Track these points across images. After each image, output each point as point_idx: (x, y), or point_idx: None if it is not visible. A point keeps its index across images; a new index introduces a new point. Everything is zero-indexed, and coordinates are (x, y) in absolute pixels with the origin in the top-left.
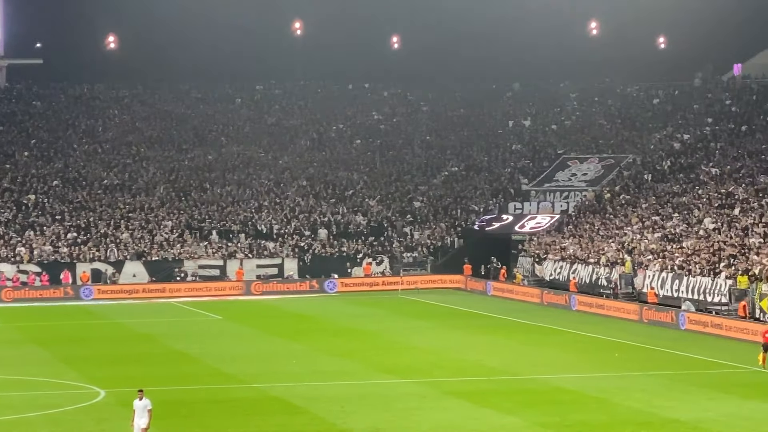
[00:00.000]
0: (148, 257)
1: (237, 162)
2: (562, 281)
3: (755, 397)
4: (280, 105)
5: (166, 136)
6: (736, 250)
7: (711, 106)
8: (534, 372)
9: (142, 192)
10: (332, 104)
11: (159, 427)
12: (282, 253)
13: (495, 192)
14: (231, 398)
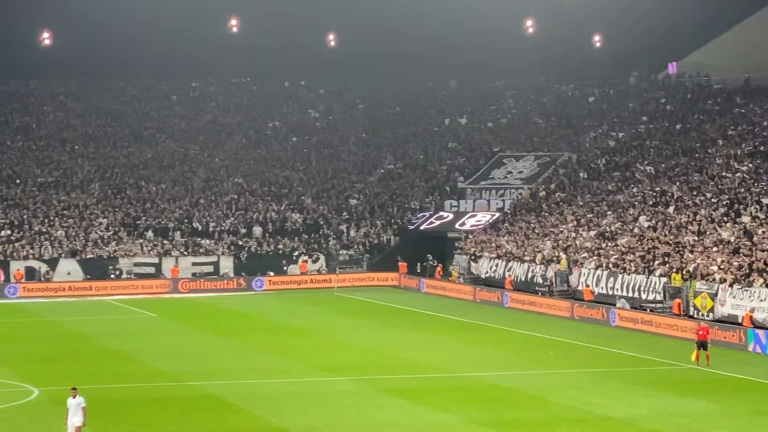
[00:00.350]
0: (82, 255)
1: (173, 159)
2: (498, 279)
3: (689, 394)
4: (216, 102)
5: (102, 133)
6: (670, 248)
7: (646, 104)
8: (469, 369)
9: (77, 189)
10: (268, 102)
11: (93, 426)
12: (218, 251)
13: (431, 190)
14: (166, 396)
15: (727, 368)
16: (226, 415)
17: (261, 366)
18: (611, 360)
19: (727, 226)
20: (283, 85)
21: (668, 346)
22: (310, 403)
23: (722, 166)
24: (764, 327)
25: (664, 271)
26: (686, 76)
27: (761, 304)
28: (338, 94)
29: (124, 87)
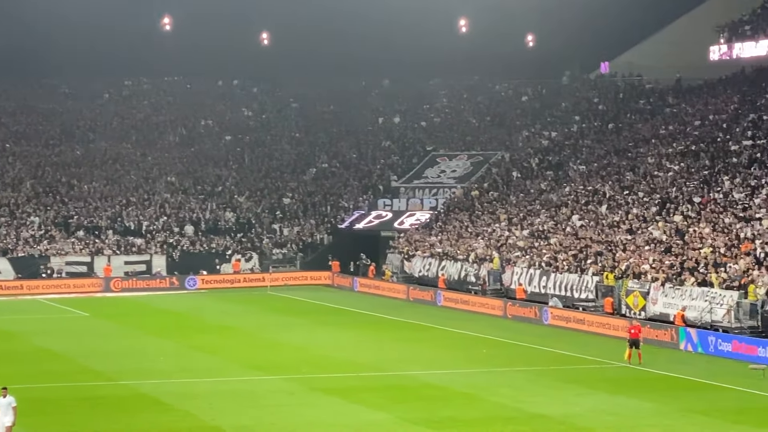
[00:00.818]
0: (14, 254)
1: (105, 158)
2: (431, 278)
3: (621, 392)
4: (149, 101)
5: (33, 131)
6: (602, 246)
7: (578, 104)
8: (402, 368)
9: (8, 188)
10: (201, 100)
11: (25, 425)
12: (150, 250)
13: (365, 189)
14: (98, 396)
15: (659, 366)
16: (159, 415)
17: (194, 365)
18: (544, 358)
19: (659, 225)
20: (216, 84)
21: (601, 345)
22: (244, 402)
23: (654, 166)
24: (695, 325)
25: (597, 270)
26: (618, 76)
27: (692, 303)
28: (271, 92)
29: (57, 85)
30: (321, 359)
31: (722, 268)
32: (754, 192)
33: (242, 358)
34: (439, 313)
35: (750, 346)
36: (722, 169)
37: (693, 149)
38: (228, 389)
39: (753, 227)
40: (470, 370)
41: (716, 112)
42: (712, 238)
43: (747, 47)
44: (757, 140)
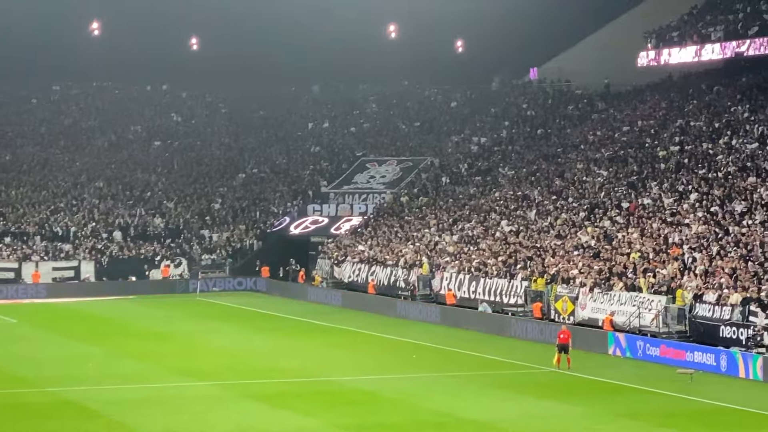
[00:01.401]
0: None
1: (33, 163)
2: (361, 283)
3: (550, 397)
4: (78, 106)
5: None
6: (532, 252)
7: (507, 109)
8: (332, 374)
9: None
10: (130, 105)
11: None
12: (79, 256)
13: (294, 194)
14: (24, 403)
15: (588, 371)
16: (85, 422)
17: (122, 371)
18: (474, 363)
19: (588, 230)
20: (145, 89)
21: (530, 350)
22: (172, 409)
23: (583, 171)
24: (624, 330)
25: (526, 275)
26: (547, 82)
27: (621, 308)
28: (200, 98)
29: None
30: (250, 365)
31: (650, 273)
32: (682, 197)
33: (171, 364)
34: (369, 319)
35: (678, 351)
36: (650, 174)
37: (621, 155)
38: (156, 395)
39: (681, 232)
40: (400, 376)
41: (644, 118)
42: (640, 243)
43: (674, 53)
44: (685, 146)
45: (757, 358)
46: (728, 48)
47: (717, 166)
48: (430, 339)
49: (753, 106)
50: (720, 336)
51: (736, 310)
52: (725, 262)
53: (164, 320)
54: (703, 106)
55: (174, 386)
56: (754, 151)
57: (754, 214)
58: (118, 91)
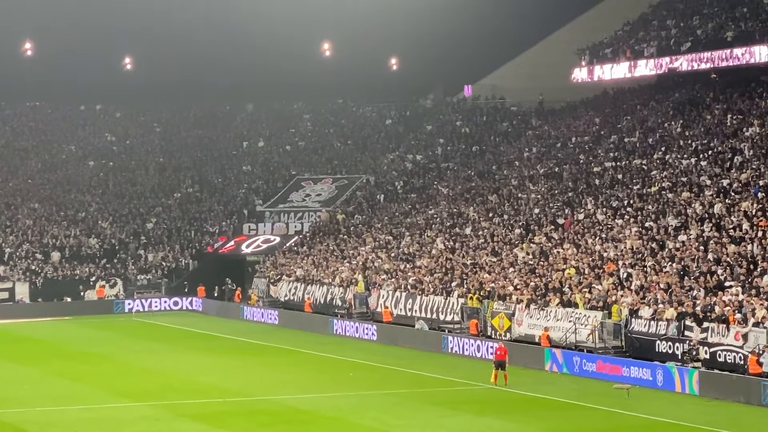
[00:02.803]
0: None
1: None
2: (298, 302)
3: (487, 414)
4: (11, 126)
5: None
6: (467, 269)
7: (442, 126)
8: (270, 393)
9: None
10: (64, 125)
11: None
12: (13, 277)
13: (230, 213)
14: None
15: (525, 387)
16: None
17: (58, 392)
18: (411, 381)
19: (523, 246)
20: (78, 109)
21: (467, 367)
22: (108, 429)
23: (518, 188)
24: (560, 346)
25: (462, 292)
26: (482, 99)
27: (557, 324)
28: (134, 117)
29: None
30: (186, 385)
31: (586, 289)
32: (617, 213)
33: (107, 385)
34: (307, 338)
35: (614, 366)
36: (585, 190)
37: (556, 171)
38: (93, 417)
39: (616, 248)
40: (337, 394)
41: (579, 134)
42: (575, 259)
43: (608, 69)
44: (619, 162)
45: (693, 373)
46: (661, 64)
47: (651, 181)
48: (367, 357)
49: (686, 122)
50: (656, 351)
51: (672, 324)
52: (660, 277)
53: (100, 341)
54: (636, 122)
55: (111, 407)
56: (688, 166)
57: (689, 229)
58: (51, 111)
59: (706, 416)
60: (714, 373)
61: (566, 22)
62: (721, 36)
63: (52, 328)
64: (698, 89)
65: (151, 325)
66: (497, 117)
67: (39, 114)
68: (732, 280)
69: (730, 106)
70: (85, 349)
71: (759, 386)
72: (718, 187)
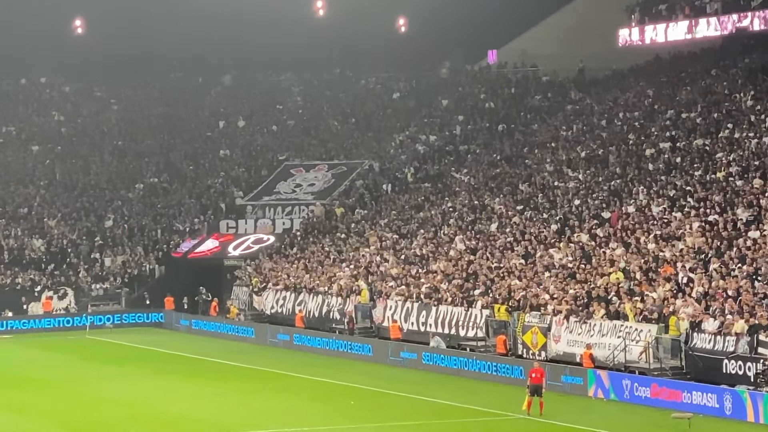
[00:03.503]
0: None
1: None
2: (287, 315)
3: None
4: None
5: None
6: (493, 273)
7: (462, 101)
8: (251, 426)
9: None
10: (1, 103)
11: None
12: None
13: (204, 208)
14: None
15: (565, 417)
16: None
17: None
18: (426, 410)
19: (561, 246)
20: (19, 83)
21: (494, 393)
22: None
23: (554, 175)
24: (607, 367)
25: (487, 303)
26: (509, 67)
27: (602, 340)
28: (88, 92)
29: None
30: (151, 416)
31: (638, 297)
32: (674, 204)
33: (54, 417)
34: (298, 358)
35: (672, 391)
36: (636, 177)
37: (600, 154)
38: None
39: (673, 247)
40: (334, 427)
41: (627, 109)
42: (624, 262)
43: (662, 30)
44: (677, 142)
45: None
46: (727, 22)
47: (716, 166)
48: (372, 382)
49: (758, 93)
50: (723, 372)
51: (742, 340)
52: (728, 283)
53: (47, 364)
54: (698, 94)
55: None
56: (761, 146)
57: (762, 224)
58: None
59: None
60: None
61: None
62: None
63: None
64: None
65: (109, 344)
66: (528, 89)
67: None
68: None
69: None
70: (30, 374)
71: None
72: None
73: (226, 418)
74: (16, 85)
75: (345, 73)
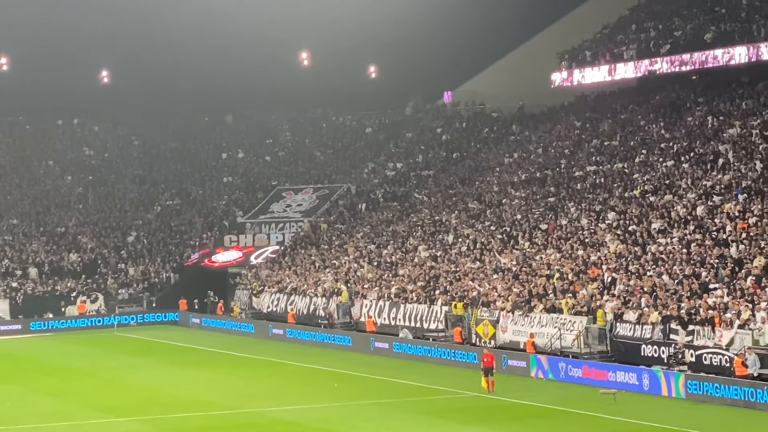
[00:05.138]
0: None
1: None
2: (281, 313)
3: (473, 422)
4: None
5: None
6: (451, 276)
7: (422, 134)
8: (253, 405)
9: None
10: (42, 141)
11: None
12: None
13: (210, 225)
14: None
15: (512, 394)
16: None
17: (41, 409)
18: (397, 390)
19: (506, 253)
20: (56, 124)
21: (452, 375)
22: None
23: (500, 194)
24: (546, 352)
25: (445, 300)
26: (462, 105)
27: (541, 330)
28: (112, 130)
29: None
30: (170, 399)
31: (570, 294)
32: (599, 217)
33: (90, 401)
34: (290, 349)
35: (600, 371)
36: (567, 195)
37: (538, 176)
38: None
39: (599, 252)
40: (322, 405)
41: (559, 139)
42: (559, 265)
43: (588, 73)
44: (600, 166)
45: (679, 376)
46: (641, 66)
47: (633, 184)
48: (352, 367)
49: (667, 124)
50: (641, 355)
51: (657, 328)
52: (644, 281)
53: (82, 356)
54: (617, 125)
55: (94, 423)
56: (670, 168)
57: (672, 232)
58: (29, 126)
59: (693, 419)
60: (700, 376)
61: (545, 26)
62: (700, 37)
63: (34, 344)
64: (678, 91)
65: (133, 339)
66: (477, 123)
67: (16, 129)
68: (716, 282)
69: (711, 108)
70: (68, 364)
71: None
72: (700, 189)
73: (232, 399)
74: (53, 126)
75: (326, 112)
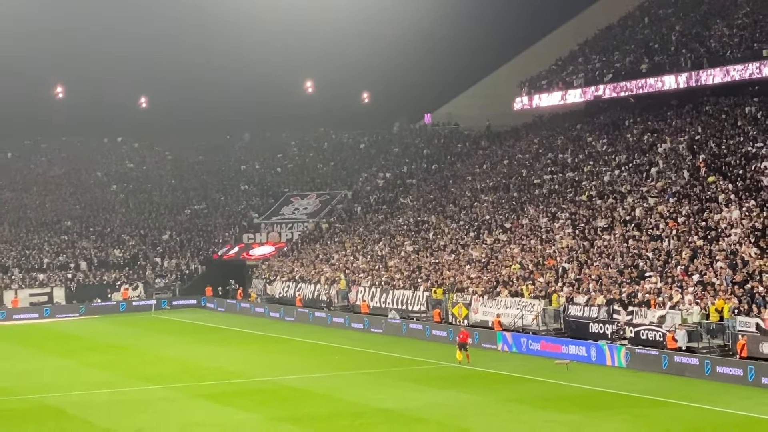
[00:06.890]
0: None
1: (9, 206)
2: (290, 298)
3: (452, 388)
4: (46, 157)
5: None
6: (431, 267)
7: (407, 149)
8: (267, 374)
9: None
10: (91, 156)
11: None
12: (51, 283)
13: (231, 225)
14: (6, 408)
15: (482, 365)
16: (62, 422)
17: (92, 379)
18: (386, 362)
19: (477, 247)
20: (103, 142)
21: (432, 349)
22: (135, 409)
23: (471, 198)
24: (510, 329)
25: (427, 287)
26: (440, 125)
27: (507, 311)
28: (150, 147)
29: None
30: (198, 370)
31: (530, 282)
32: (554, 217)
33: (132, 372)
34: (299, 328)
35: (555, 345)
36: (527, 199)
37: (503, 183)
38: (121, 399)
39: (554, 246)
40: (324, 374)
41: (521, 153)
42: (521, 257)
43: (544, 98)
44: (555, 175)
45: (620, 349)
46: (588, 92)
47: (582, 190)
48: (350, 343)
49: (610, 140)
50: (590, 331)
51: (602, 309)
52: (592, 270)
53: (125, 335)
54: (569, 141)
55: (135, 390)
56: (613, 177)
57: (614, 230)
58: (80, 144)
59: (633, 385)
60: (638, 348)
61: (509, 59)
62: (637, 68)
63: (85, 325)
64: (619, 113)
65: (167, 320)
66: (453, 140)
67: (70, 147)
68: (651, 271)
69: (646, 126)
70: (113, 342)
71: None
72: (637, 194)
73: (251, 369)
74: (100, 143)
75: (327, 130)
